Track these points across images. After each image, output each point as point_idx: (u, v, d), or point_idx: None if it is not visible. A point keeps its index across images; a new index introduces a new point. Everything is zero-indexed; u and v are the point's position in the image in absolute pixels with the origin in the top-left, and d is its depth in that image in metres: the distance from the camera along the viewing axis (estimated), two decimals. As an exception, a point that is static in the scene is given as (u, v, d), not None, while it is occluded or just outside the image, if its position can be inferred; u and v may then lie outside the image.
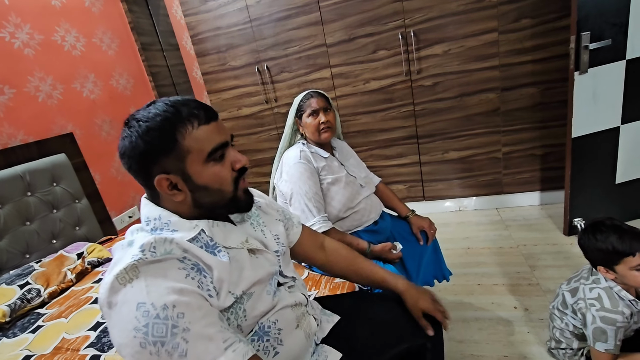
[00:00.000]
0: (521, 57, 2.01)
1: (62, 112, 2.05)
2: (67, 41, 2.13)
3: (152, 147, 0.60)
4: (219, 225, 0.68)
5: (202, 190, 0.63)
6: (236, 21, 2.36)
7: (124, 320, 0.52)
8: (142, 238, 0.58)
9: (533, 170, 2.23)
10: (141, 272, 0.54)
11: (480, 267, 1.85)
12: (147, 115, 0.61)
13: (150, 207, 0.66)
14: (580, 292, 1.05)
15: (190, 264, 0.59)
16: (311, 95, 1.35)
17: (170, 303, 0.52)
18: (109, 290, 0.53)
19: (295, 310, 0.76)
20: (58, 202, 1.87)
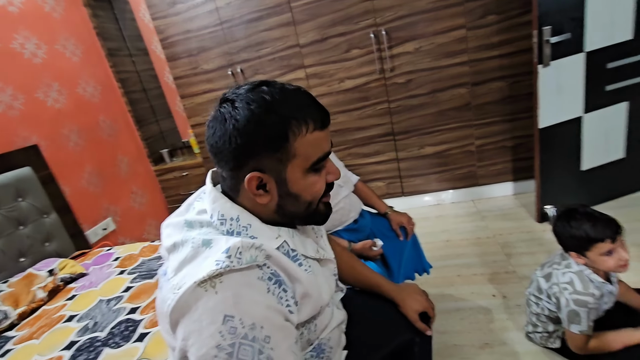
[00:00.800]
0: (489, 52, 2.07)
1: (25, 123, 1.96)
2: (27, 49, 2.03)
3: (258, 140, 0.53)
4: (297, 234, 0.63)
5: (293, 198, 0.58)
6: (206, 24, 2.31)
7: (204, 332, 0.46)
8: (226, 240, 0.52)
9: (505, 161, 2.30)
10: (226, 280, 0.48)
11: (459, 258, 1.90)
12: (260, 100, 0.53)
13: (225, 203, 0.57)
14: (554, 277, 1.09)
15: (269, 273, 0.53)
16: None
17: (259, 321, 0.47)
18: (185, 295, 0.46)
19: (340, 328, 0.75)
20: (24, 218, 1.79)
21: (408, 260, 1.53)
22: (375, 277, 0.95)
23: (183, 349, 0.48)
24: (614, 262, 0.97)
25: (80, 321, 1.29)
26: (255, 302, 0.49)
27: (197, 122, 2.60)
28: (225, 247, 0.50)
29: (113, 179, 2.47)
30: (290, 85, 0.58)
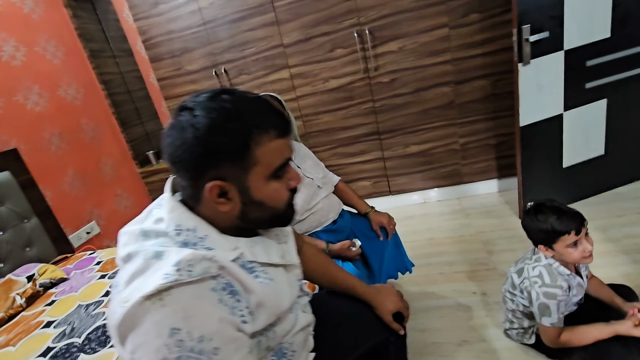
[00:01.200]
0: (471, 51, 2.08)
1: (4, 127, 1.94)
2: (4, 51, 2.00)
3: (219, 149, 0.52)
4: (259, 242, 0.63)
5: (256, 205, 0.58)
6: (189, 24, 2.30)
7: (151, 345, 0.46)
8: (178, 251, 0.51)
9: (489, 159, 2.32)
10: (175, 293, 0.47)
11: (442, 256, 1.91)
12: (220, 108, 0.53)
13: (183, 213, 0.56)
14: (525, 271, 1.11)
15: (223, 283, 0.53)
16: None
17: (208, 334, 0.47)
18: (133, 309, 0.46)
19: (305, 332, 0.75)
20: (4, 223, 1.77)
21: (390, 260, 1.54)
22: (350, 279, 0.96)
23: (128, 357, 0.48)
24: (579, 254, 0.99)
25: (58, 327, 1.28)
26: (206, 314, 0.49)
27: (183, 123, 2.58)
28: (175, 260, 0.50)
29: (97, 182, 2.44)
30: (251, 93, 0.59)
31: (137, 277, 0.49)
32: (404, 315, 0.91)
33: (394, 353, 0.88)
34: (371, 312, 0.91)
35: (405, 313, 0.91)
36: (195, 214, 0.58)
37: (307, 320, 0.77)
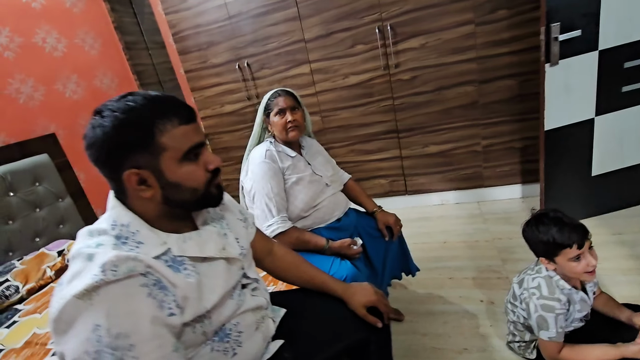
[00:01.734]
0: (498, 49, 1.99)
1: (44, 113, 2.10)
2: (47, 43, 2.17)
3: (126, 141, 0.58)
4: (193, 236, 0.68)
5: (174, 187, 0.63)
6: (215, 18, 2.36)
7: (78, 338, 0.51)
8: (104, 252, 0.56)
9: (513, 163, 2.21)
10: (102, 292, 0.52)
11: (453, 260, 1.86)
12: (124, 106, 0.58)
13: (119, 210, 0.62)
14: (525, 282, 1.07)
15: (153, 279, 0.57)
16: (279, 94, 1.35)
17: (125, 331, 0.51)
18: (66, 307, 0.51)
19: (256, 314, 0.78)
20: (41, 202, 1.93)
21: (394, 260, 1.53)
22: (321, 276, 0.97)
23: (61, 355, 0.53)
24: (582, 268, 0.94)
25: (78, 300, 1.39)
26: (128, 312, 0.53)
27: (207, 115, 2.68)
28: (101, 261, 0.53)
29: (126, 167, 2.60)
30: (155, 92, 0.64)
31: (75, 277, 0.54)
32: (381, 310, 0.90)
33: (376, 352, 0.88)
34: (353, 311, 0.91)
35: (382, 308, 0.90)
36: (129, 210, 0.63)
37: (257, 303, 0.78)
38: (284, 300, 0.98)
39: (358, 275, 1.19)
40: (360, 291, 0.91)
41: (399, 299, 1.68)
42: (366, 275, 1.37)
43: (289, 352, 0.80)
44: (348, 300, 0.90)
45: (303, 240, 1.28)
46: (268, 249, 0.99)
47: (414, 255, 1.62)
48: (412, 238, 2.12)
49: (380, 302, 0.90)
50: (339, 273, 1.16)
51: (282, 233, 1.26)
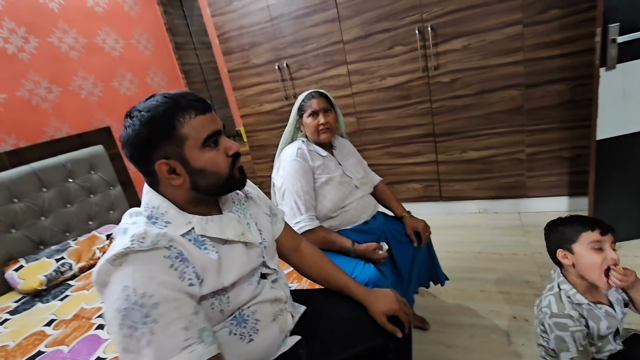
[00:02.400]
0: (548, 51, 1.86)
1: (102, 108, 2.30)
2: (107, 43, 2.36)
3: (153, 134, 0.66)
4: (215, 219, 0.74)
5: (199, 173, 0.69)
6: (258, 20, 2.44)
7: (111, 298, 0.58)
8: (135, 227, 0.63)
9: (560, 173, 2.07)
10: (129, 259, 0.59)
11: (487, 272, 1.78)
12: (148, 106, 0.67)
13: (151, 195, 0.71)
14: (541, 303, 1.01)
15: (176, 252, 0.64)
16: (312, 96, 1.37)
17: (149, 292, 0.57)
18: (101, 270, 0.59)
19: (274, 305, 0.82)
20: (95, 188, 2.12)
21: (421, 268, 1.49)
22: (345, 278, 0.97)
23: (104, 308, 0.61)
24: (602, 261, 0.87)
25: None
26: (151, 277, 0.59)
27: (246, 113, 2.78)
28: (131, 234, 0.62)
29: (170, 160, 2.77)
30: (175, 91, 0.72)
31: (111, 248, 0.62)
32: (402, 319, 0.89)
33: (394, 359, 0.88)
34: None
35: (403, 317, 0.89)
36: (160, 195, 0.71)
37: (276, 295, 0.82)
38: (305, 298, 1.00)
39: (381, 279, 1.18)
40: (382, 298, 0.91)
41: (426, 308, 1.64)
42: (391, 280, 1.36)
43: (304, 349, 0.82)
44: (369, 306, 0.90)
45: (329, 240, 1.29)
46: (295, 246, 1.02)
47: (444, 264, 1.57)
48: (444, 246, 2.06)
49: (401, 311, 0.89)
50: (362, 276, 1.16)
51: (309, 231, 1.28)
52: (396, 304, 0.90)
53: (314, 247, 1.04)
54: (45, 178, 1.87)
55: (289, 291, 0.92)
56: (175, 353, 0.57)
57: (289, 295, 0.89)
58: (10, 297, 1.60)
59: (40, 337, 1.27)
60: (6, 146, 1.82)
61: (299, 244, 1.03)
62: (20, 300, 1.56)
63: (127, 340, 0.56)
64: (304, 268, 1.02)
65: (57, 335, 1.26)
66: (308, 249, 1.03)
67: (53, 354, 1.16)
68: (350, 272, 1.20)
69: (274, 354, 0.80)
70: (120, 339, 0.57)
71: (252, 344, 0.75)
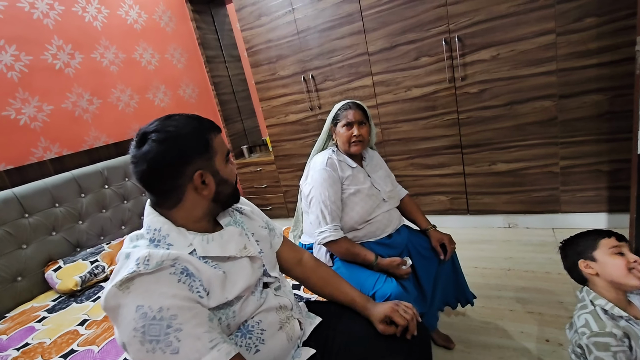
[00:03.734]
0: (584, 61, 1.78)
1: (137, 118, 2.43)
2: (144, 58, 2.50)
3: (189, 148, 0.69)
4: (215, 237, 0.75)
5: (224, 183, 0.76)
6: (285, 33, 2.51)
7: (125, 321, 0.58)
8: (138, 251, 0.64)
9: (598, 187, 1.95)
10: (137, 282, 0.60)
11: (517, 291, 1.70)
12: (177, 125, 0.70)
13: (153, 217, 0.71)
14: (574, 324, 0.95)
15: (181, 267, 0.65)
16: (349, 106, 1.36)
17: (165, 305, 0.59)
18: (109, 296, 0.60)
19: (280, 313, 0.82)
20: (128, 195, 2.22)
21: (446, 285, 1.45)
22: (351, 293, 0.96)
23: (118, 334, 0.62)
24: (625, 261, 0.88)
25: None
26: (162, 293, 0.60)
27: (272, 123, 2.84)
28: (135, 257, 0.62)
29: (199, 169, 2.87)
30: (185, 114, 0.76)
31: (116, 274, 0.63)
32: (395, 320, 0.87)
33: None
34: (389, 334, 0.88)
35: (397, 319, 0.87)
36: (162, 216, 0.72)
37: (280, 302, 0.82)
38: (322, 309, 0.99)
39: (403, 294, 1.15)
40: (380, 306, 0.90)
41: (452, 326, 1.58)
42: (414, 296, 1.32)
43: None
44: (370, 318, 0.91)
45: (352, 253, 1.28)
46: (297, 259, 1.02)
47: (471, 280, 1.52)
48: (472, 261, 1.99)
49: (395, 312, 0.87)
50: (383, 290, 1.14)
51: (333, 242, 1.28)
52: (390, 307, 0.89)
53: (317, 261, 1.03)
54: (84, 184, 1.99)
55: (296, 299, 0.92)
56: (205, 352, 0.59)
57: (294, 302, 0.89)
58: (48, 296, 1.70)
59: (73, 336, 1.33)
60: (51, 154, 1.96)
61: (301, 257, 1.03)
62: (57, 300, 1.65)
63: (151, 355, 0.57)
64: (309, 282, 1.01)
65: (89, 335, 1.32)
66: (311, 262, 1.02)
67: (84, 353, 1.22)
68: (372, 286, 1.18)
69: None
70: (144, 355, 0.58)
71: (259, 354, 0.75)
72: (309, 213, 1.36)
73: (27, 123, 1.87)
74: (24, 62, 1.86)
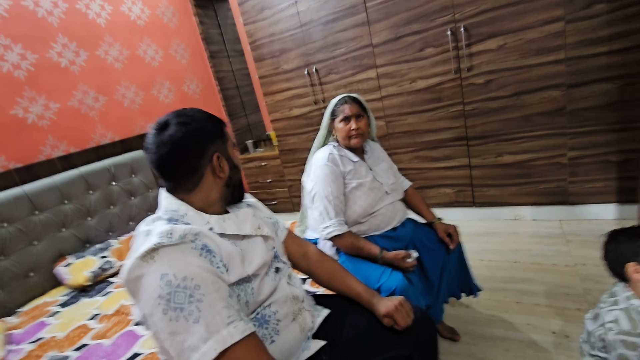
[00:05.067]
0: (594, 49, 1.74)
1: (142, 115, 2.44)
2: (148, 54, 2.51)
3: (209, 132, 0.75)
4: (231, 217, 0.79)
5: (236, 168, 0.82)
6: (288, 27, 2.49)
7: (149, 289, 0.59)
8: (160, 226, 0.66)
9: (607, 178, 1.92)
10: (161, 252, 0.61)
11: (524, 283, 1.69)
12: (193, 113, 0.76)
13: (170, 200, 0.74)
14: (601, 317, 0.93)
15: (201, 244, 0.66)
16: (345, 101, 1.37)
17: (190, 275, 0.60)
18: (133, 267, 0.61)
19: (293, 304, 0.83)
20: (135, 191, 2.25)
21: (452, 277, 1.44)
22: (357, 287, 0.97)
23: (139, 306, 0.63)
24: None
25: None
26: (187, 262, 0.62)
27: (276, 118, 2.83)
28: (158, 231, 0.64)
29: (204, 164, 2.89)
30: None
31: (135, 250, 0.65)
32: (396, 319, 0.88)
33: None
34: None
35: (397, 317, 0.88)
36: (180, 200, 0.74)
37: (293, 292, 0.83)
38: (330, 303, 1.00)
39: (408, 287, 1.15)
40: (384, 302, 0.92)
41: (457, 318, 1.58)
42: (420, 289, 1.32)
43: (327, 355, 0.82)
44: (375, 313, 0.92)
45: (357, 246, 1.29)
46: (303, 252, 1.03)
47: (477, 273, 1.51)
48: (478, 254, 1.98)
49: (395, 309, 0.88)
50: (388, 284, 1.14)
51: (338, 236, 1.28)
52: (392, 304, 0.90)
53: (323, 255, 1.04)
54: (92, 181, 2.01)
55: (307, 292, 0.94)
56: (222, 327, 0.60)
57: (305, 294, 0.91)
58: (59, 291, 1.73)
59: (85, 330, 1.37)
60: (59, 152, 1.98)
61: (306, 250, 1.04)
62: (68, 295, 1.69)
63: (174, 323, 0.58)
64: (315, 275, 1.02)
65: (100, 329, 1.35)
66: (316, 255, 1.03)
67: (96, 346, 1.25)
68: (377, 280, 1.18)
69: (298, 356, 0.81)
70: (166, 324, 0.58)
71: (274, 345, 0.76)
72: (313, 209, 1.37)
73: (35, 121, 1.89)
74: (30, 61, 1.88)
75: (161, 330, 0.59)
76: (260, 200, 2.95)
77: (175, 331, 0.58)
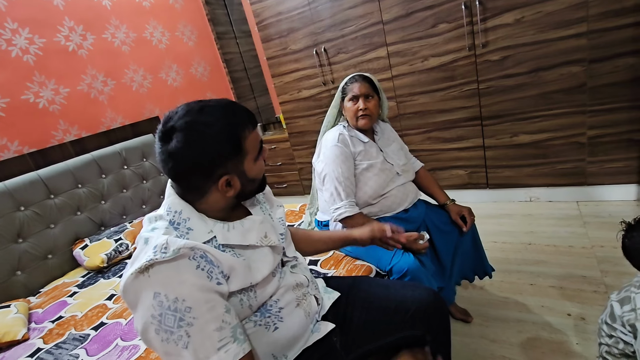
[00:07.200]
0: (618, 20, 1.64)
1: (151, 98, 2.43)
2: (154, 37, 2.48)
3: (222, 153, 0.65)
4: (236, 226, 0.73)
5: (250, 182, 0.73)
6: (296, 5, 2.41)
7: (144, 306, 0.59)
8: (157, 236, 0.63)
9: (629, 158, 1.85)
10: (156, 269, 0.59)
11: (538, 265, 1.66)
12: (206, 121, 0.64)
13: (175, 199, 0.70)
14: (632, 301, 0.90)
15: (199, 253, 0.63)
16: (355, 80, 1.34)
17: (180, 296, 0.58)
18: (127, 283, 0.60)
19: (296, 290, 0.82)
20: (147, 174, 2.26)
21: (465, 259, 1.43)
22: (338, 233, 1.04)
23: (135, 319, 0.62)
24: None
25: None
26: (180, 281, 0.59)
27: (285, 100, 2.79)
28: (153, 245, 0.61)
29: (214, 148, 2.89)
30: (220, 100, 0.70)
31: (135, 260, 0.63)
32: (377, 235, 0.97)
33: (434, 350, 0.85)
34: (409, 306, 0.88)
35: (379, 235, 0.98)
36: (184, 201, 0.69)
37: (297, 280, 0.82)
38: (341, 285, 1.00)
39: (420, 270, 1.15)
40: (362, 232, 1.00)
41: (470, 300, 1.57)
42: (432, 271, 1.31)
43: (337, 337, 0.82)
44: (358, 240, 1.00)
45: (369, 228, 1.27)
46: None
47: (491, 255, 1.49)
48: (491, 236, 1.95)
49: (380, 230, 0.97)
50: (399, 265, 1.14)
51: (349, 217, 1.27)
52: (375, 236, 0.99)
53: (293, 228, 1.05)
54: (104, 165, 2.03)
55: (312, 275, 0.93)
56: (212, 353, 0.59)
57: (311, 278, 0.90)
58: (77, 273, 1.78)
59: (102, 309, 1.40)
60: (71, 136, 2.00)
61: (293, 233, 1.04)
62: (86, 276, 1.74)
63: (166, 344, 0.58)
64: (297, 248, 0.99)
65: (117, 309, 1.39)
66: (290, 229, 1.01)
67: (113, 325, 1.28)
68: (389, 261, 1.18)
69: (306, 339, 0.80)
70: (159, 344, 0.59)
71: (278, 332, 0.75)
72: (323, 190, 1.36)
73: (46, 106, 1.90)
74: (38, 45, 1.87)
75: (156, 348, 0.61)
76: (270, 183, 2.95)
77: (168, 352, 0.59)
